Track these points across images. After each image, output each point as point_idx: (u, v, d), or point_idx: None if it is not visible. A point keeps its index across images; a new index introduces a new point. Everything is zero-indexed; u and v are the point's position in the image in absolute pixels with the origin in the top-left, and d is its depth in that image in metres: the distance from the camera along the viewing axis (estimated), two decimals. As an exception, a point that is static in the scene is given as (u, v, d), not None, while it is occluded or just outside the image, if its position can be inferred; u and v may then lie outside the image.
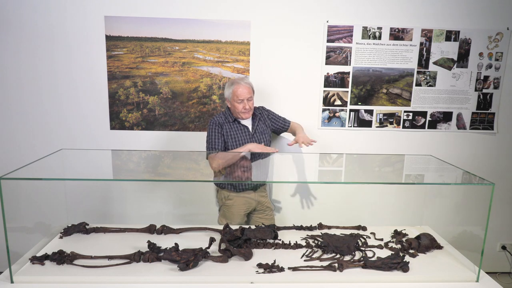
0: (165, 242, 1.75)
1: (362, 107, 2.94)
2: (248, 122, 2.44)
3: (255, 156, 2.31)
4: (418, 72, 2.90)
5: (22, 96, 2.78)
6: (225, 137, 2.37)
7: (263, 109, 2.59)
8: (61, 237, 1.84)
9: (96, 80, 2.79)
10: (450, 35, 2.84)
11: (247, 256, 1.65)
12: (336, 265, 1.60)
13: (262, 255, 1.70)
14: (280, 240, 1.83)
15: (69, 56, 2.74)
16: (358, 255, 1.71)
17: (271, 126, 2.57)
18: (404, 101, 2.94)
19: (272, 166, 2.43)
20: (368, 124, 2.97)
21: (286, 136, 2.82)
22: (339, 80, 2.88)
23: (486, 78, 2.92)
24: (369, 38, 2.82)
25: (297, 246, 1.78)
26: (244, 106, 2.33)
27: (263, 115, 2.53)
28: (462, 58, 2.88)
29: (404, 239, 1.87)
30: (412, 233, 1.97)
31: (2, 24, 2.66)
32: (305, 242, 1.82)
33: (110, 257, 1.61)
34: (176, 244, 1.65)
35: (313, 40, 2.82)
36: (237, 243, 1.71)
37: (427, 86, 2.92)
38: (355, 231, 1.98)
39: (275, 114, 2.62)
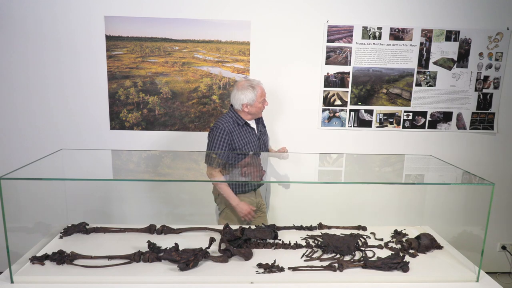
0: (165, 242, 1.75)
1: (362, 107, 2.94)
2: (253, 124, 2.40)
3: (255, 157, 2.31)
4: (418, 72, 2.89)
5: (21, 96, 2.78)
6: (234, 142, 2.28)
7: None
8: (61, 237, 1.84)
9: (96, 80, 2.79)
10: (450, 35, 2.84)
11: (247, 256, 1.65)
12: (336, 265, 1.60)
13: (262, 255, 1.70)
14: (280, 240, 1.82)
15: (69, 56, 2.74)
16: (358, 255, 1.71)
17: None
18: (404, 101, 2.94)
19: (273, 166, 2.43)
20: (368, 124, 2.97)
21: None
22: (339, 80, 2.88)
23: (486, 78, 2.92)
24: (369, 38, 2.82)
25: (297, 246, 1.77)
26: (266, 103, 2.35)
27: (261, 118, 2.50)
28: (462, 58, 2.88)
29: (404, 239, 1.87)
30: (412, 233, 1.97)
31: (1, 23, 2.67)
32: (305, 242, 1.82)
33: (110, 257, 1.61)
34: (176, 244, 1.65)
35: (313, 40, 2.82)
36: (237, 243, 1.71)
37: (427, 86, 2.92)
38: (355, 231, 1.98)
39: None
